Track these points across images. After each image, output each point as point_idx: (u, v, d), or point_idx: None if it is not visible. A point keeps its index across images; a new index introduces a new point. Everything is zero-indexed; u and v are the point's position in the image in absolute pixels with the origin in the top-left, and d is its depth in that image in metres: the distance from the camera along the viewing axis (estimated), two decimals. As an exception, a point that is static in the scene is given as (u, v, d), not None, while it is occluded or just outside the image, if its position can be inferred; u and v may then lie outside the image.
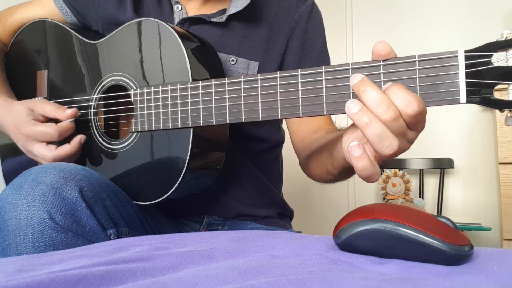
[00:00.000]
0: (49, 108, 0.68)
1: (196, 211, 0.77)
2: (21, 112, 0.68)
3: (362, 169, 0.43)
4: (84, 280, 0.28)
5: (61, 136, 0.66)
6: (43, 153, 0.66)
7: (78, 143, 0.67)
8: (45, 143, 0.67)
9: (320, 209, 2.32)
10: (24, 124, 0.67)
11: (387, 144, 0.42)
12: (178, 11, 0.75)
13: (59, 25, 0.78)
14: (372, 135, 0.42)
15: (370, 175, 0.43)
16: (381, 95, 0.42)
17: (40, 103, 0.69)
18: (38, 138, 0.66)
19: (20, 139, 0.68)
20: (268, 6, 0.76)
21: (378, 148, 0.42)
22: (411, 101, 0.41)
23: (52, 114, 0.68)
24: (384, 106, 0.41)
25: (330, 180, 0.66)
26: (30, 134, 0.67)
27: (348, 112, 0.43)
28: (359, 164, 0.43)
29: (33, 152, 0.67)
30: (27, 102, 0.70)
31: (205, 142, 0.63)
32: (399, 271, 0.34)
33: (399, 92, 0.42)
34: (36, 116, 0.68)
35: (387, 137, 0.42)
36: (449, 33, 2.05)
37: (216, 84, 0.56)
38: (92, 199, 0.56)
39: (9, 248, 0.51)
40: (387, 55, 0.45)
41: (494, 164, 1.90)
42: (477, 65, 0.42)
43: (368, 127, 0.42)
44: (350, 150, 0.43)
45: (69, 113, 0.68)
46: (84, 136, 0.69)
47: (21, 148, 0.70)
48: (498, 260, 0.36)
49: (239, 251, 0.39)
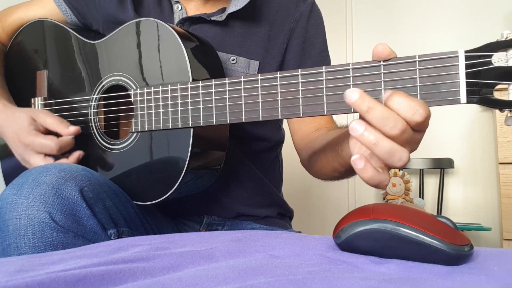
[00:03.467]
0: (50, 121, 0.68)
1: (196, 211, 0.77)
2: (22, 120, 0.68)
3: (369, 179, 0.42)
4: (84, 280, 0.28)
5: (60, 150, 0.66)
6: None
7: (76, 159, 0.68)
8: (43, 155, 0.67)
9: (320, 209, 2.32)
10: (24, 133, 0.67)
11: (397, 159, 0.41)
12: (178, 11, 0.75)
13: (59, 25, 0.78)
14: (381, 153, 0.41)
15: (379, 182, 0.43)
16: (386, 112, 0.40)
17: (43, 114, 0.69)
18: (37, 149, 0.66)
19: (19, 147, 0.68)
20: (268, 5, 0.76)
21: (389, 163, 0.42)
22: (416, 108, 0.40)
23: (53, 128, 0.68)
24: (391, 123, 0.40)
25: (337, 177, 0.66)
26: (30, 144, 0.66)
27: (353, 135, 0.42)
28: (365, 175, 0.42)
29: (30, 162, 0.67)
30: (28, 111, 0.70)
31: (205, 142, 0.63)
32: (399, 271, 0.34)
33: (403, 101, 0.40)
34: (38, 126, 0.68)
35: (396, 151, 0.41)
36: (449, 33, 2.05)
37: (216, 84, 0.56)
38: (92, 199, 0.56)
39: (9, 248, 0.51)
40: (387, 56, 0.45)
41: (494, 164, 1.90)
42: (477, 65, 0.42)
43: (376, 146, 0.41)
44: (353, 163, 0.42)
45: (72, 130, 0.67)
46: (82, 152, 0.69)
47: (17, 156, 0.70)
48: (498, 260, 0.36)
49: (239, 251, 0.39)
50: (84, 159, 0.70)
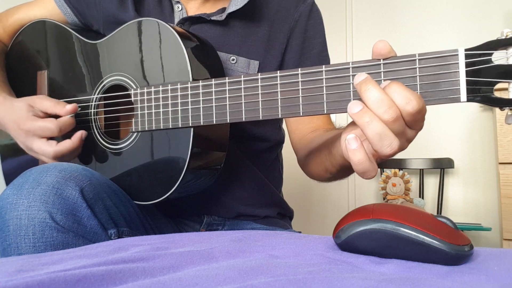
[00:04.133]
0: (48, 104, 0.68)
1: (196, 211, 0.77)
2: (21, 109, 0.68)
3: (358, 162, 0.43)
4: (84, 280, 0.28)
5: (61, 131, 0.66)
6: (44, 149, 0.65)
7: (79, 139, 0.67)
8: (45, 139, 0.66)
9: (320, 209, 2.32)
10: (24, 120, 0.67)
11: (387, 144, 0.42)
12: (178, 11, 0.75)
13: (59, 25, 0.78)
14: (373, 134, 0.42)
15: (367, 170, 0.44)
16: (382, 95, 0.42)
17: (40, 99, 0.69)
18: (38, 133, 0.66)
19: (20, 135, 0.68)
20: (268, 5, 0.76)
21: (378, 147, 0.42)
22: (411, 98, 0.41)
23: (52, 110, 0.68)
24: (385, 106, 0.41)
25: (328, 179, 0.67)
26: (30, 129, 0.66)
27: (349, 112, 0.43)
28: (355, 157, 0.43)
29: (33, 148, 0.67)
30: (26, 99, 0.70)
31: (206, 141, 0.63)
32: (399, 271, 0.34)
33: (399, 90, 0.42)
34: (36, 112, 0.68)
35: (387, 137, 0.42)
36: (449, 33, 2.05)
37: (216, 84, 0.56)
38: (93, 199, 0.56)
39: (9, 248, 0.51)
40: (387, 54, 0.45)
41: (494, 164, 1.90)
42: (477, 64, 0.42)
43: (368, 126, 0.42)
44: (347, 142, 0.44)
45: (69, 108, 0.67)
46: (85, 132, 0.68)
47: (21, 145, 0.69)
48: (498, 260, 0.36)
49: (239, 251, 0.39)
50: (84, 159, 0.70)
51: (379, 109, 0.41)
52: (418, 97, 0.42)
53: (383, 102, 0.41)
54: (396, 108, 0.42)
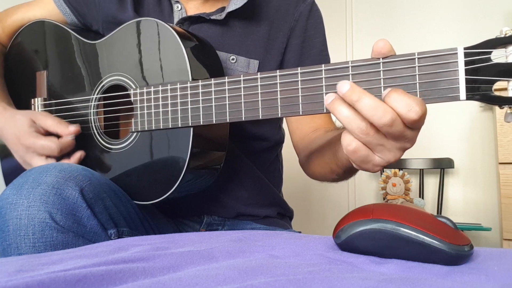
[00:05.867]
0: (50, 122, 0.68)
1: (196, 211, 0.77)
2: (22, 123, 0.68)
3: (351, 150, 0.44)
4: (84, 280, 0.28)
5: (61, 151, 0.67)
6: None
7: (77, 160, 0.68)
8: (44, 156, 0.67)
9: (320, 209, 2.32)
10: (25, 135, 0.67)
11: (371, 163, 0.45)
12: (178, 11, 0.75)
13: (59, 25, 0.78)
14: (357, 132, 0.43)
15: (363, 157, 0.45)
16: (375, 102, 0.41)
17: (43, 116, 0.69)
18: (38, 151, 0.66)
19: (20, 149, 0.68)
20: (268, 4, 0.76)
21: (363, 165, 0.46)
22: (413, 105, 0.41)
23: (53, 129, 0.68)
24: (380, 113, 0.41)
25: (334, 179, 0.67)
26: (31, 146, 0.66)
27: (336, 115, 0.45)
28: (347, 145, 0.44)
29: (31, 164, 0.67)
30: (28, 113, 0.70)
31: (205, 141, 0.63)
32: (399, 271, 0.34)
33: (400, 97, 0.41)
34: (38, 128, 0.68)
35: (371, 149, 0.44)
36: (449, 33, 2.05)
37: (216, 83, 0.56)
38: (92, 199, 0.56)
39: (9, 248, 0.51)
40: (387, 53, 0.45)
41: (494, 164, 1.90)
42: (476, 62, 0.42)
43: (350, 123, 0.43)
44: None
45: (71, 130, 0.67)
46: (84, 153, 0.69)
47: (18, 158, 0.70)
48: (498, 260, 0.36)
49: (239, 251, 0.39)
50: (84, 159, 0.70)
51: (374, 116, 0.42)
52: (420, 102, 0.41)
53: (377, 110, 0.41)
54: (392, 114, 0.41)
